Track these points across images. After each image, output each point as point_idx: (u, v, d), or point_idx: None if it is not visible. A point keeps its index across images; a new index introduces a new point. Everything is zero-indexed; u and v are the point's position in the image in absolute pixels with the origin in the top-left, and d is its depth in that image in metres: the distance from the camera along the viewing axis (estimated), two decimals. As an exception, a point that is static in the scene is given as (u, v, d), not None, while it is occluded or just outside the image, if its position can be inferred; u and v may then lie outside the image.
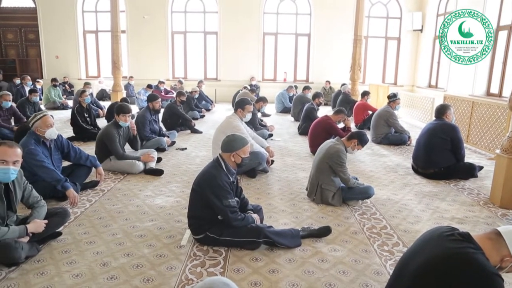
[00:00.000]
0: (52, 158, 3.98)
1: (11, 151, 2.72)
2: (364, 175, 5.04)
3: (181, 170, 5.19)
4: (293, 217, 3.66)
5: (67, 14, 13.91)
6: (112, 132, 4.90)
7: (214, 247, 2.95)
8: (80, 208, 3.75)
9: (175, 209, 3.79)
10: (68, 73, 14.21)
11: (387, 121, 6.92)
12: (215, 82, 13.88)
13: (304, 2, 13.78)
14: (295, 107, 9.55)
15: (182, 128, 7.94)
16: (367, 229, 3.39)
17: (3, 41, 14.76)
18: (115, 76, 10.33)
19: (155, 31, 13.79)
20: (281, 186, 4.57)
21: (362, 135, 4.08)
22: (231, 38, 13.71)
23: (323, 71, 13.72)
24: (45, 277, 2.55)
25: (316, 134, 5.98)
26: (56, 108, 11.01)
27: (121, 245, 3.01)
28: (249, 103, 5.24)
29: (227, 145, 2.99)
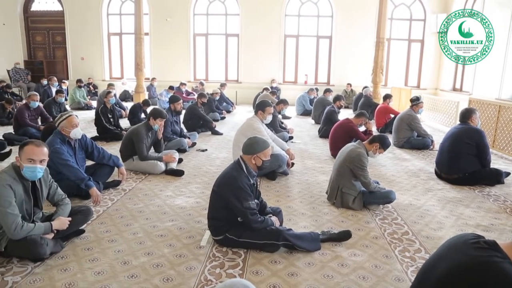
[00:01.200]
0: (76, 157, 4.08)
1: (38, 150, 2.80)
2: (386, 180, 4.97)
3: (201, 171, 5.23)
4: (312, 220, 3.63)
5: (93, 17, 14.23)
6: (142, 132, 4.98)
7: (234, 249, 2.96)
8: (102, 207, 3.82)
9: (195, 209, 3.82)
10: (93, 75, 14.52)
11: (410, 124, 6.80)
12: (236, 84, 13.93)
13: (326, 4, 13.71)
14: (316, 109, 9.50)
15: (203, 130, 8.00)
16: (388, 234, 3.34)
17: (32, 44, 15.20)
18: (138, 78, 10.52)
19: (178, 33, 13.95)
20: (301, 189, 4.55)
21: (384, 138, 4.02)
22: (252, 40, 13.75)
23: (344, 74, 13.60)
24: (68, 273, 2.61)
25: (337, 137, 5.93)
26: (81, 109, 11.26)
27: (142, 244, 3.05)
28: (270, 105, 5.24)
29: (249, 147, 3.00)
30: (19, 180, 2.76)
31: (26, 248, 2.66)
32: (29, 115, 7.30)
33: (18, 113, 7.21)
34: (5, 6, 14.36)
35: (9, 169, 2.78)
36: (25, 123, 7.11)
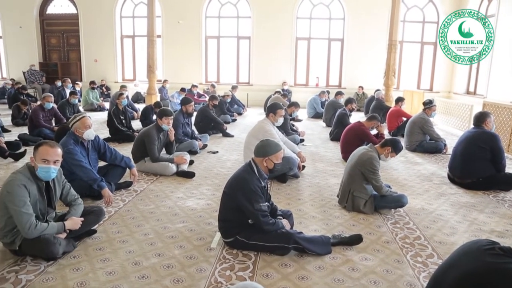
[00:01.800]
0: (89, 158, 4.12)
1: (52, 151, 2.84)
2: (397, 183, 4.92)
3: (212, 173, 5.24)
4: (323, 223, 3.61)
5: (106, 19, 14.41)
6: (153, 134, 5.02)
7: (244, 251, 2.96)
8: (114, 208, 3.85)
9: (205, 211, 3.83)
10: (106, 76, 14.69)
11: (422, 128, 6.73)
12: (247, 86, 13.96)
13: (337, 7, 13.67)
14: (327, 112, 9.47)
15: (214, 132, 8.03)
16: (399, 238, 3.31)
17: (47, 46, 15.45)
18: (150, 80, 10.61)
19: (190, 36, 14.05)
20: (312, 192, 4.53)
21: (396, 142, 3.98)
22: (264, 43, 13.77)
23: (356, 77, 13.53)
24: (80, 273, 2.64)
25: (348, 140, 5.90)
26: (94, 110, 11.40)
27: (153, 245, 3.07)
28: (281, 107, 5.24)
29: (261, 149, 3.00)
30: (34, 180, 2.80)
31: (39, 247, 2.70)
32: (44, 116, 7.41)
33: (33, 114, 7.33)
34: (22, 9, 14.63)
35: (24, 169, 2.83)
36: (39, 124, 7.22)
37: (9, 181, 2.73)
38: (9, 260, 2.77)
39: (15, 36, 14.93)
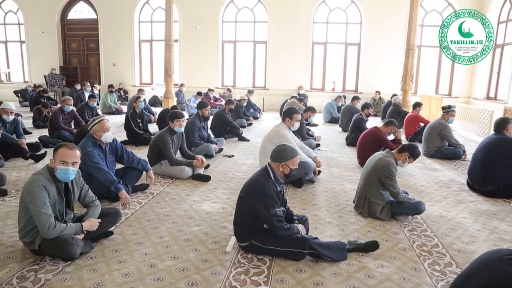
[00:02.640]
0: (107, 160, 4.18)
1: (71, 153, 2.89)
2: (415, 190, 4.85)
3: (228, 177, 5.26)
4: (339, 229, 3.58)
5: (125, 24, 14.65)
6: (167, 138, 5.06)
7: (259, 256, 2.95)
8: (130, 210, 3.89)
9: (221, 215, 3.84)
10: (124, 80, 14.91)
11: (440, 133, 6.62)
12: (263, 90, 13.98)
13: (354, 12, 13.61)
14: (344, 117, 9.41)
15: (230, 136, 8.05)
16: (417, 246, 3.25)
17: (68, 50, 15.79)
18: (167, 83, 10.71)
19: (206, 40, 14.16)
20: (327, 197, 4.50)
21: (414, 148, 3.94)
22: (280, 47, 13.78)
23: (373, 81, 13.41)
24: (97, 274, 2.67)
25: (365, 145, 5.85)
26: (112, 113, 11.58)
27: (168, 248, 3.09)
28: (297, 112, 5.22)
29: (277, 154, 2.99)
30: (53, 181, 2.86)
31: (58, 247, 2.74)
32: (63, 118, 7.55)
33: (53, 117, 7.48)
34: (45, 15, 15.01)
35: (44, 170, 2.89)
36: (59, 126, 7.36)
37: (30, 182, 2.79)
38: (29, 259, 2.83)
39: (37, 41, 15.30)
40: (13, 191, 4.40)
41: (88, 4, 15.12)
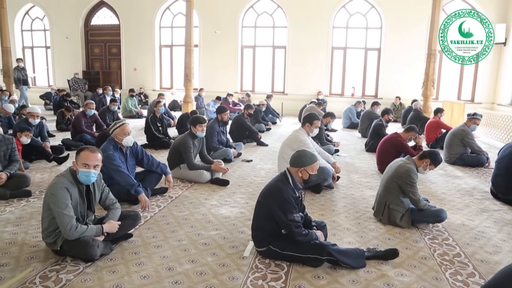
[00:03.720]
0: (127, 163, 4.25)
1: (93, 156, 2.95)
2: (436, 197, 4.75)
3: (246, 181, 5.26)
4: (358, 236, 3.54)
5: (146, 30, 14.90)
6: (188, 142, 5.10)
7: (276, 261, 2.94)
8: (149, 213, 3.94)
9: (239, 220, 3.84)
10: (144, 84, 15.15)
11: (463, 140, 6.48)
12: (282, 95, 13.98)
13: (375, 16, 13.49)
14: (363, 123, 9.32)
15: (248, 140, 8.07)
16: (438, 255, 3.18)
17: (90, 55, 16.16)
18: (187, 88, 10.84)
19: (226, 45, 14.26)
20: (346, 203, 4.46)
21: (435, 154, 3.86)
22: (299, 52, 13.77)
23: (393, 87, 13.25)
24: (116, 275, 2.71)
25: (385, 151, 5.78)
26: (132, 117, 11.75)
27: (186, 251, 3.11)
28: (318, 119, 5.19)
29: (296, 160, 2.98)
30: (75, 183, 2.92)
31: (79, 248, 2.80)
32: (85, 122, 7.71)
33: (76, 120, 7.65)
34: (69, 21, 15.43)
35: (67, 173, 2.95)
36: (81, 129, 7.52)
37: (53, 184, 2.85)
38: (51, 260, 2.89)
39: (62, 46, 15.73)
40: (37, 192, 4.51)
41: (110, 10, 15.46)
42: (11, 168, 4.55)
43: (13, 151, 4.69)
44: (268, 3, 14.09)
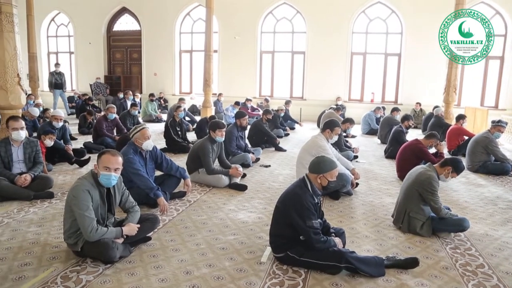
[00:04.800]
0: (146, 167, 4.30)
1: (114, 159, 3.00)
2: (458, 206, 4.65)
3: (264, 187, 5.26)
4: (377, 244, 3.49)
5: (167, 35, 15.11)
6: (208, 147, 5.14)
7: (294, 267, 2.92)
8: (168, 216, 3.97)
9: (257, 225, 3.84)
10: (164, 89, 15.35)
11: (486, 147, 6.33)
12: (300, 101, 13.95)
13: (395, 21, 13.35)
14: (382, 129, 9.21)
15: (266, 146, 8.06)
16: (460, 265, 3.10)
17: (112, 60, 16.48)
18: (206, 93, 10.93)
19: (245, 51, 14.34)
20: (365, 210, 4.40)
21: (457, 162, 3.78)
22: (318, 58, 13.73)
23: (413, 92, 13.06)
24: (135, 278, 2.74)
25: (405, 158, 5.69)
26: (152, 121, 11.91)
27: (204, 256, 3.12)
28: (339, 126, 5.15)
29: (315, 166, 2.97)
30: (96, 186, 2.97)
31: (99, 250, 2.84)
32: (107, 126, 7.86)
33: (97, 124, 7.80)
34: (93, 27, 15.81)
35: (88, 175, 3.01)
36: (102, 133, 7.66)
37: (75, 186, 2.91)
38: (72, 260, 2.95)
39: (85, 52, 16.10)
40: (59, 194, 4.61)
41: (132, 17, 15.76)
42: (35, 170, 4.67)
43: (37, 153, 4.83)
44: (287, 8, 14.12)
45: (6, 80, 5.09)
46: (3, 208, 4.11)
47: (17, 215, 3.92)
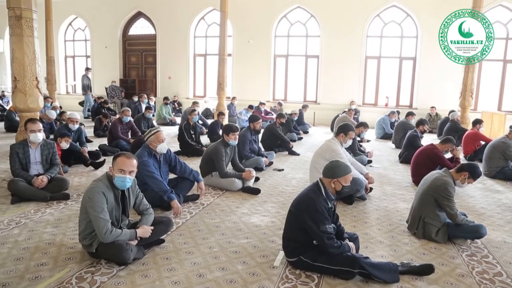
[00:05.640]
0: (160, 170, 4.33)
1: (129, 162, 3.03)
2: (474, 212, 4.56)
3: (277, 190, 5.25)
4: (391, 250, 3.45)
5: (181, 39, 15.25)
6: (221, 150, 5.16)
7: (307, 272, 2.90)
8: (181, 219, 3.99)
9: (269, 229, 3.83)
10: (178, 92, 15.47)
11: (504, 153, 6.22)
12: (314, 105, 13.90)
13: (410, 25, 13.23)
14: (397, 133, 9.12)
15: (280, 149, 8.05)
16: (477, 273, 3.04)
17: (127, 64, 16.71)
18: (220, 96, 10.98)
19: (259, 54, 14.37)
20: (379, 215, 4.35)
21: (474, 167, 3.72)
22: (332, 61, 13.68)
23: (428, 97, 12.89)
24: (148, 280, 2.76)
25: (420, 163, 5.62)
26: (166, 124, 12.01)
27: (217, 259, 3.12)
28: (353, 130, 5.11)
29: (330, 170, 2.95)
30: (111, 188, 3.01)
31: (113, 251, 2.87)
32: (121, 128, 7.94)
33: (112, 127, 7.89)
34: (109, 31, 16.07)
35: (104, 178, 3.05)
36: (117, 136, 7.74)
37: (90, 188, 2.95)
38: (86, 261, 2.98)
39: (101, 55, 16.36)
40: (75, 196, 4.68)
41: (147, 21, 15.95)
42: (52, 172, 4.75)
43: (54, 155, 4.91)
44: (301, 12, 14.12)
45: (25, 83, 5.21)
46: (20, 208, 4.19)
47: (34, 216, 3.99)
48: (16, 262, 2.96)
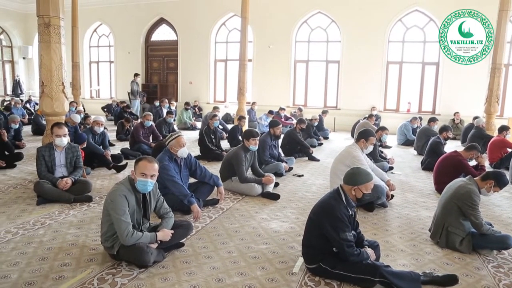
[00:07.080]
0: (181, 174, 4.38)
1: (150, 166, 3.07)
2: (501, 222, 4.43)
3: (297, 196, 5.23)
4: (413, 259, 3.38)
5: (202, 45, 15.44)
6: (241, 155, 5.18)
7: (327, 279, 2.88)
8: (201, 223, 4.02)
9: (289, 235, 3.81)
10: (199, 97, 15.63)
11: (532, 161, 6.03)
12: (335, 110, 13.81)
13: (433, 30, 13.00)
14: (419, 140, 8.96)
15: (300, 155, 8.02)
16: (504, 285, 2.95)
17: (150, 69, 17.00)
18: (240, 101, 11.04)
19: (279, 60, 14.39)
20: (400, 223, 4.28)
21: (500, 175, 3.62)
22: (353, 67, 13.57)
23: (452, 102, 12.62)
24: (167, 283, 2.78)
25: (443, 170, 5.50)
26: (186, 129, 12.13)
27: (236, 264, 3.13)
28: (374, 135, 5.04)
29: (351, 177, 2.92)
30: (133, 191, 3.05)
31: (134, 254, 2.91)
32: (143, 133, 8.07)
33: (134, 131, 8.02)
34: (132, 37, 16.43)
35: (126, 181, 3.10)
36: (139, 140, 7.86)
37: (113, 191, 3.01)
38: (108, 263, 3.03)
39: (124, 61, 16.71)
40: (97, 198, 4.77)
41: (169, 27, 16.22)
42: (76, 174, 4.86)
43: (78, 158, 5.02)
44: (322, 17, 14.08)
45: (52, 88, 5.36)
46: (45, 210, 4.30)
47: (58, 217, 4.08)
48: (41, 262, 3.03)
